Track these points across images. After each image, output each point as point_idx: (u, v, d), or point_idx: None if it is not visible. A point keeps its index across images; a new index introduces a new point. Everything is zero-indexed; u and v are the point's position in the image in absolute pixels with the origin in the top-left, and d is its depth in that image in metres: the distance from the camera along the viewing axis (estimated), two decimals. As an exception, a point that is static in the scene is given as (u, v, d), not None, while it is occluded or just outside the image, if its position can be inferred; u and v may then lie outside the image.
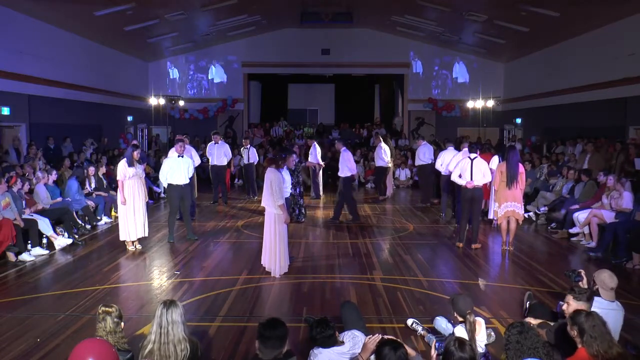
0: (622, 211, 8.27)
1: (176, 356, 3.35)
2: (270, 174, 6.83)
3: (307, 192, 14.13)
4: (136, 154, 8.31)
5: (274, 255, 6.90)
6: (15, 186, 8.39)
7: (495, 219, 9.11)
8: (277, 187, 6.73)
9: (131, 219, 8.21)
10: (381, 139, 13.90)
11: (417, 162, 13.59)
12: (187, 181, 9.06)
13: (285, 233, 7.02)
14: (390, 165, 14.07)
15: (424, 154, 13.23)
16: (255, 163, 14.51)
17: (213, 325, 5.27)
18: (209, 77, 22.37)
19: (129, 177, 8.17)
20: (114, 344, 3.52)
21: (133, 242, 8.38)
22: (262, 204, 7.06)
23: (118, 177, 8.21)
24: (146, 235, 8.53)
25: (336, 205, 11.06)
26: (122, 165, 8.18)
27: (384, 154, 13.52)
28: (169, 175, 8.88)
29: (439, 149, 14.11)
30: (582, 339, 3.40)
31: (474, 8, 15.20)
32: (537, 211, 10.98)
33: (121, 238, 8.34)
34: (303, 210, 10.89)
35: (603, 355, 3.31)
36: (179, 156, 8.96)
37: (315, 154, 13.71)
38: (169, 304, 3.47)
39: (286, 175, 8.41)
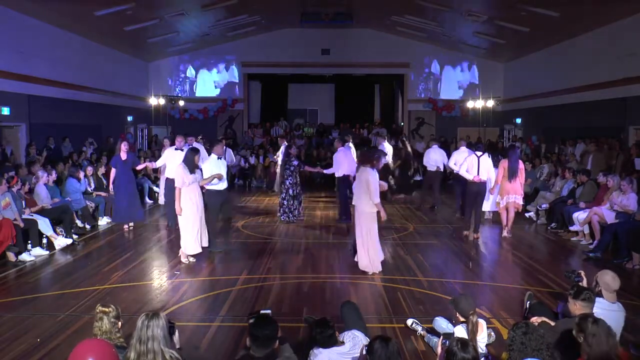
0: (625, 212, 8.17)
1: None
2: (365, 174, 6.84)
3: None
4: (197, 159, 7.49)
5: (366, 253, 6.95)
6: (15, 186, 8.39)
7: (490, 211, 10.45)
8: (373, 186, 6.76)
9: (197, 228, 7.46)
10: (385, 138, 13.94)
11: (430, 168, 12.63)
12: (227, 184, 8.33)
13: (375, 230, 7.00)
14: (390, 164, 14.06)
15: (435, 160, 12.46)
16: (233, 164, 14.26)
17: (213, 325, 5.27)
18: (209, 77, 22.36)
19: (189, 183, 7.38)
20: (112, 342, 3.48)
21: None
22: (354, 203, 7.08)
23: (176, 185, 7.37)
24: (206, 245, 7.76)
25: (339, 205, 11.16)
26: (181, 170, 7.37)
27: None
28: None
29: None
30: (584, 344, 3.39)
31: (474, 8, 15.19)
32: (538, 208, 10.97)
33: (189, 252, 7.51)
34: (301, 210, 11.02)
35: None
36: (218, 158, 8.12)
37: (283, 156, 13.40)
38: (150, 317, 3.20)
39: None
